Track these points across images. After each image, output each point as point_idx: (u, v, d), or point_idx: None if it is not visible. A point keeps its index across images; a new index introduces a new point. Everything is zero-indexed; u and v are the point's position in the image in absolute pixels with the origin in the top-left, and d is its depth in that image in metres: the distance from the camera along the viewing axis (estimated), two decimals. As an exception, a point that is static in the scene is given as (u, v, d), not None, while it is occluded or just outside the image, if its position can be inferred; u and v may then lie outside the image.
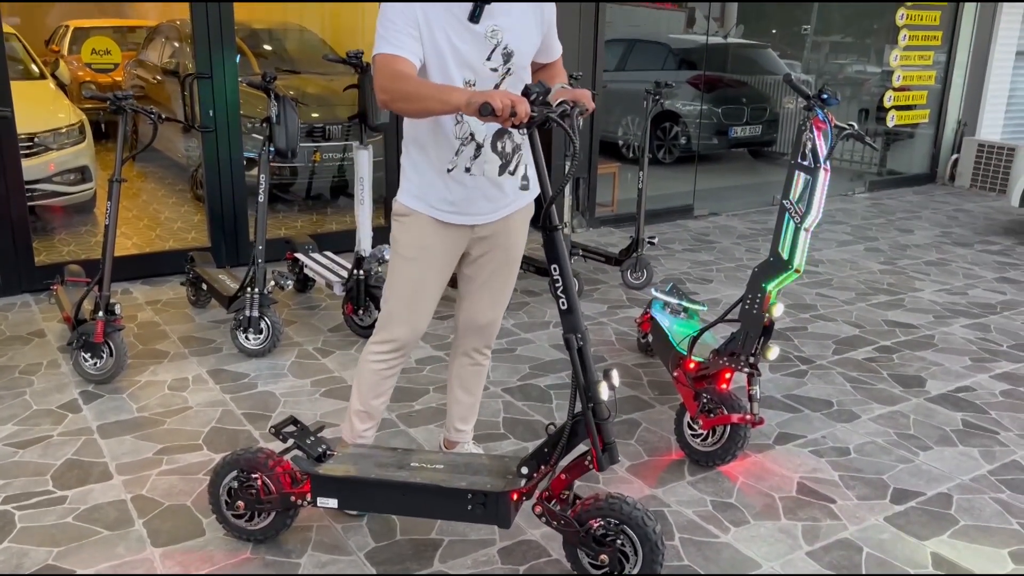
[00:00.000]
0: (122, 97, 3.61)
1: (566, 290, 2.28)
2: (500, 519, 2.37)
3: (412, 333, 2.64)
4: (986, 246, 6.65)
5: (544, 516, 2.39)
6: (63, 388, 3.70)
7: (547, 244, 2.28)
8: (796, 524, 2.80)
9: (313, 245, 4.92)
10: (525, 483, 2.40)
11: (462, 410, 2.97)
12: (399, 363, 2.69)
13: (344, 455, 2.61)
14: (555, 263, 2.28)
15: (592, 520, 2.31)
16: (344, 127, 6.52)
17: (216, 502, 2.59)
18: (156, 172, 7.73)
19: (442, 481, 2.41)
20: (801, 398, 3.76)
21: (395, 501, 2.46)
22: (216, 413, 3.50)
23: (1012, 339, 4.56)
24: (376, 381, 2.70)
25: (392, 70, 2.26)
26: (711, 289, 5.33)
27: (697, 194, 7.62)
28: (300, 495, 2.50)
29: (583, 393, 2.30)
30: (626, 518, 2.29)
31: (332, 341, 4.31)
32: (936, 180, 9.41)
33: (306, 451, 2.56)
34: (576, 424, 2.33)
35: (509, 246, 2.67)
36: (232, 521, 2.60)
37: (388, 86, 2.26)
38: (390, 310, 2.63)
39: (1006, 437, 3.44)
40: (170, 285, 5.14)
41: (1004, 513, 2.89)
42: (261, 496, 2.53)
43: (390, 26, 2.30)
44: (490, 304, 2.76)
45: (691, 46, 9.07)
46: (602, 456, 2.31)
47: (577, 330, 2.29)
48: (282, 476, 2.52)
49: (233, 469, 2.54)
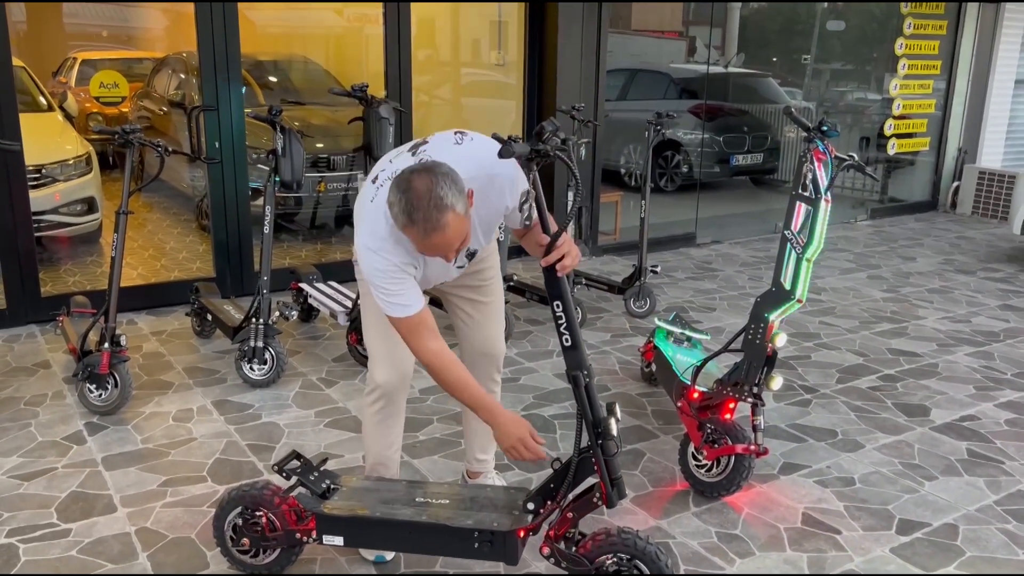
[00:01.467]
0: (130, 131, 3.66)
1: (569, 326, 2.29)
2: (507, 557, 2.36)
3: (396, 374, 2.61)
4: (989, 273, 6.66)
5: (552, 557, 2.37)
6: (68, 419, 3.71)
7: (549, 280, 2.29)
8: (802, 555, 2.79)
9: (317, 275, 4.95)
10: (532, 519, 2.39)
11: (481, 440, 2.97)
12: (393, 411, 2.68)
13: (350, 489, 2.60)
14: (558, 299, 2.29)
15: (605, 556, 2.30)
16: (348, 157, 6.58)
17: (221, 537, 2.58)
18: (162, 202, 7.78)
19: (448, 520, 2.40)
20: (805, 427, 3.76)
21: (401, 539, 2.45)
22: (220, 444, 3.50)
23: (1016, 367, 4.56)
24: (378, 432, 2.70)
25: (430, 348, 2.34)
26: (714, 317, 5.34)
27: (699, 222, 7.65)
28: (306, 532, 2.50)
29: (591, 429, 2.31)
30: (639, 553, 2.28)
31: (336, 371, 4.32)
32: (938, 207, 9.44)
33: (310, 488, 2.55)
34: (583, 460, 2.33)
35: (479, 270, 2.69)
36: (237, 556, 2.59)
37: (432, 364, 2.34)
38: (371, 352, 2.63)
39: (1012, 467, 3.43)
40: (175, 316, 5.16)
41: (1011, 544, 2.88)
42: (266, 533, 2.52)
43: (390, 283, 2.32)
44: (489, 325, 2.78)
45: (692, 75, 9.15)
46: (611, 492, 2.31)
47: (582, 366, 2.29)
48: (287, 513, 2.51)
49: (238, 505, 2.54)
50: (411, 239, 2.20)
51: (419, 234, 2.15)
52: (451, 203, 2.12)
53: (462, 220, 2.17)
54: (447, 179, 2.15)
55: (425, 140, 2.44)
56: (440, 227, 2.13)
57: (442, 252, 2.21)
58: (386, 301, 2.32)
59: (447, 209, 2.12)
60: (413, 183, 2.13)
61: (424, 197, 2.11)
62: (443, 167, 2.18)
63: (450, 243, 2.18)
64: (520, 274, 5.43)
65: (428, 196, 2.11)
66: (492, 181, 2.36)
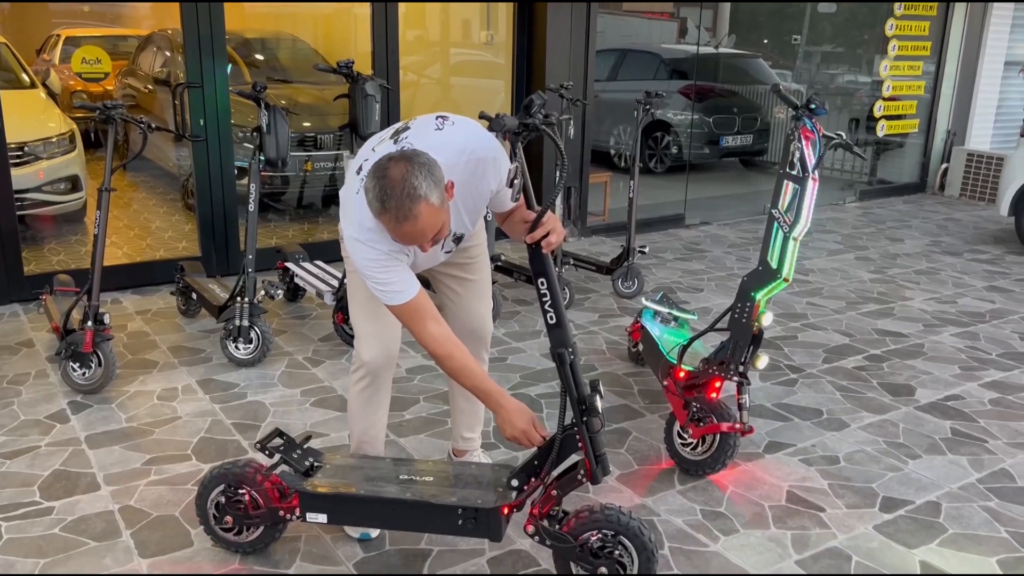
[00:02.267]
0: (112, 106, 3.61)
1: (554, 304, 2.28)
2: (492, 533, 2.37)
3: (382, 353, 2.59)
4: (975, 255, 6.68)
5: (537, 535, 2.37)
6: (51, 398, 3.68)
7: (533, 257, 2.28)
8: (786, 533, 2.80)
9: (304, 254, 4.92)
10: (516, 496, 2.39)
11: (467, 419, 2.97)
12: (379, 389, 2.66)
13: (333, 467, 2.60)
14: (542, 277, 2.28)
15: (589, 533, 2.31)
16: (335, 136, 6.53)
17: (204, 515, 2.57)
18: (147, 181, 7.71)
19: (432, 497, 2.40)
20: (791, 407, 3.77)
21: (385, 516, 2.45)
22: (205, 423, 3.48)
23: (1001, 347, 4.58)
24: (364, 410, 2.68)
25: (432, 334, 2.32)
26: (702, 298, 5.34)
27: (688, 203, 7.64)
28: (289, 509, 2.49)
29: (576, 406, 2.30)
30: (623, 529, 2.28)
31: (322, 351, 4.30)
32: (926, 189, 9.46)
33: (293, 466, 2.54)
34: (567, 437, 2.33)
35: (465, 248, 2.67)
36: (220, 534, 2.58)
37: (436, 350, 2.33)
38: (358, 331, 2.62)
39: (995, 445, 3.45)
40: (160, 295, 5.12)
41: (992, 521, 2.90)
42: (249, 511, 2.51)
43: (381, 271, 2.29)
44: (476, 303, 2.76)
45: (682, 56, 9.11)
46: (596, 468, 2.31)
47: (566, 344, 2.29)
48: (270, 491, 2.50)
49: (220, 483, 2.52)
50: (385, 227, 2.19)
51: (391, 222, 2.14)
52: (424, 193, 2.10)
53: (436, 211, 2.15)
54: (424, 169, 2.13)
55: (407, 125, 2.41)
56: (412, 217, 2.11)
57: (415, 242, 2.19)
58: (383, 291, 2.31)
59: (420, 199, 2.10)
60: (389, 171, 2.12)
61: (398, 186, 2.09)
62: (422, 156, 2.16)
63: (423, 233, 2.16)
64: (508, 254, 5.41)
65: (402, 185, 2.09)
66: (476, 165, 2.33)
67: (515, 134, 2.25)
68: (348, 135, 4.21)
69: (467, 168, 2.31)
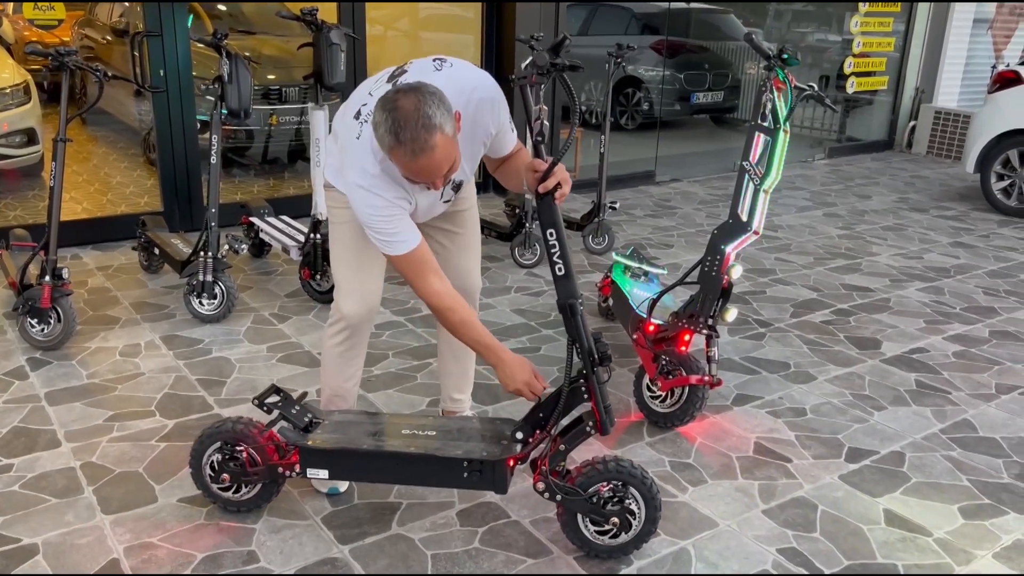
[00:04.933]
0: (65, 53, 3.48)
1: (563, 256, 2.24)
2: (497, 485, 2.36)
3: (362, 305, 2.52)
4: (941, 212, 6.74)
5: (547, 491, 2.33)
6: (9, 355, 3.59)
7: (543, 208, 2.22)
8: (753, 483, 2.82)
9: (269, 209, 4.83)
10: (521, 449, 2.38)
11: (456, 380, 2.92)
12: (356, 342, 2.60)
13: (332, 423, 2.55)
14: (551, 227, 2.23)
15: (599, 485, 2.30)
16: (301, 90, 6.39)
17: (199, 474, 2.51)
18: (107, 136, 7.51)
19: (437, 450, 2.37)
20: (759, 360, 3.79)
21: (389, 470, 2.42)
22: (169, 379, 3.42)
23: (965, 302, 4.64)
24: (339, 364, 2.63)
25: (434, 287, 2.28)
26: (672, 254, 5.34)
27: (659, 160, 7.61)
28: (288, 466, 2.45)
29: (585, 357, 2.28)
30: (630, 478, 2.29)
31: (289, 307, 4.24)
32: (894, 147, 9.51)
33: (292, 422, 2.49)
34: (573, 389, 2.31)
35: (459, 195, 2.61)
36: (216, 492, 2.53)
37: (437, 304, 2.29)
38: (337, 282, 2.55)
39: (957, 397, 3.50)
40: (122, 250, 5.01)
41: (955, 470, 2.94)
42: (247, 468, 2.47)
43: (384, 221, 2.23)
44: (464, 256, 2.70)
45: (654, 11, 9.01)
46: (605, 419, 2.30)
47: (575, 295, 2.26)
48: (268, 447, 2.46)
49: (216, 441, 2.47)
50: (397, 163, 2.10)
51: (406, 156, 2.05)
52: (440, 123, 2.03)
53: (450, 142, 2.08)
54: (435, 98, 2.05)
55: (403, 69, 2.33)
56: (428, 148, 2.03)
57: (430, 177, 2.11)
58: (385, 240, 2.24)
59: (435, 129, 2.03)
60: (400, 102, 2.03)
61: (412, 117, 2.01)
62: (430, 87, 2.08)
63: (438, 166, 2.08)
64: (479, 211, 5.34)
65: (416, 115, 2.01)
66: (477, 105, 2.27)
67: (541, 74, 2.18)
68: (313, 87, 4.10)
69: (467, 109, 2.25)
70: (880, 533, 2.58)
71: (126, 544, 2.41)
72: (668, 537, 2.52)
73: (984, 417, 3.34)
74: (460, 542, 2.47)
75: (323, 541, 2.46)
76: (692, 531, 2.56)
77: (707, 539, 2.52)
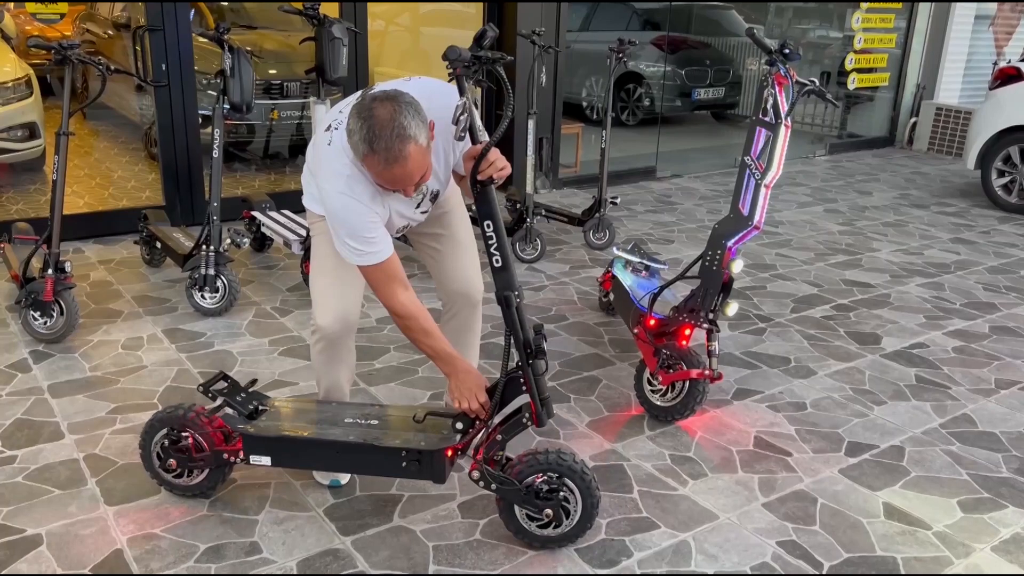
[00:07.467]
0: (68, 46, 3.48)
1: (500, 247, 2.23)
2: (435, 475, 2.37)
3: (339, 323, 2.48)
4: (942, 208, 6.75)
5: (481, 480, 2.35)
6: (12, 348, 3.60)
7: (480, 199, 2.21)
8: (753, 477, 2.83)
9: (270, 203, 4.83)
10: (460, 439, 2.39)
11: None
12: (338, 351, 2.56)
13: (277, 411, 2.58)
14: (488, 219, 2.22)
15: (534, 476, 2.31)
16: (303, 84, 6.39)
17: (148, 459, 2.55)
18: (109, 130, 7.52)
19: (375, 440, 2.39)
20: (759, 355, 3.80)
21: (329, 459, 2.45)
22: (171, 372, 3.44)
23: (965, 297, 4.65)
24: (326, 368, 2.61)
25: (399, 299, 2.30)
26: (672, 249, 5.35)
27: (660, 156, 7.61)
28: (233, 452, 2.47)
29: (521, 349, 2.29)
30: (567, 471, 2.30)
31: (291, 300, 4.25)
32: (895, 143, 9.51)
33: (236, 409, 2.53)
34: (510, 380, 2.32)
35: (440, 202, 2.60)
36: (165, 478, 2.56)
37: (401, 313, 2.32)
38: (316, 296, 2.52)
39: (957, 392, 3.51)
40: (123, 244, 5.02)
41: (954, 464, 2.96)
42: (193, 454, 2.49)
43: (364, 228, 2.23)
44: (458, 257, 2.70)
45: (655, 6, 9.01)
46: (541, 411, 2.30)
47: (512, 287, 2.25)
48: (214, 433, 2.48)
49: (163, 427, 2.50)
50: (370, 171, 2.12)
51: (380, 164, 2.07)
52: (414, 134, 2.05)
53: (423, 152, 2.10)
54: (410, 108, 2.07)
55: (372, 86, 2.35)
56: (402, 158, 2.05)
57: (401, 185, 2.13)
58: (361, 251, 2.24)
59: (409, 140, 2.05)
60: (375, 111, 2.04)
61: (387, 125, 2.03)
62: (406, 96, 2.09)
63: (411, 175, 2.10)
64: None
65: (391, 125, 2.03)
66: (446, 114, 2.26)
67: (465, 67, 2.17)
68: (315, 81, 4.11)
69: (440, 118, 2.24)
70: (879, 526, 2.59)
71: (129, 535, 2.43)
72: (668, 530, 2.54)
73: (983, 412, 3.35)
74: (461, 534, 2.49)
75: (325, 532, 2.47)
76: (692, 524, 2.57)
77: (707, 532, 2.54)
